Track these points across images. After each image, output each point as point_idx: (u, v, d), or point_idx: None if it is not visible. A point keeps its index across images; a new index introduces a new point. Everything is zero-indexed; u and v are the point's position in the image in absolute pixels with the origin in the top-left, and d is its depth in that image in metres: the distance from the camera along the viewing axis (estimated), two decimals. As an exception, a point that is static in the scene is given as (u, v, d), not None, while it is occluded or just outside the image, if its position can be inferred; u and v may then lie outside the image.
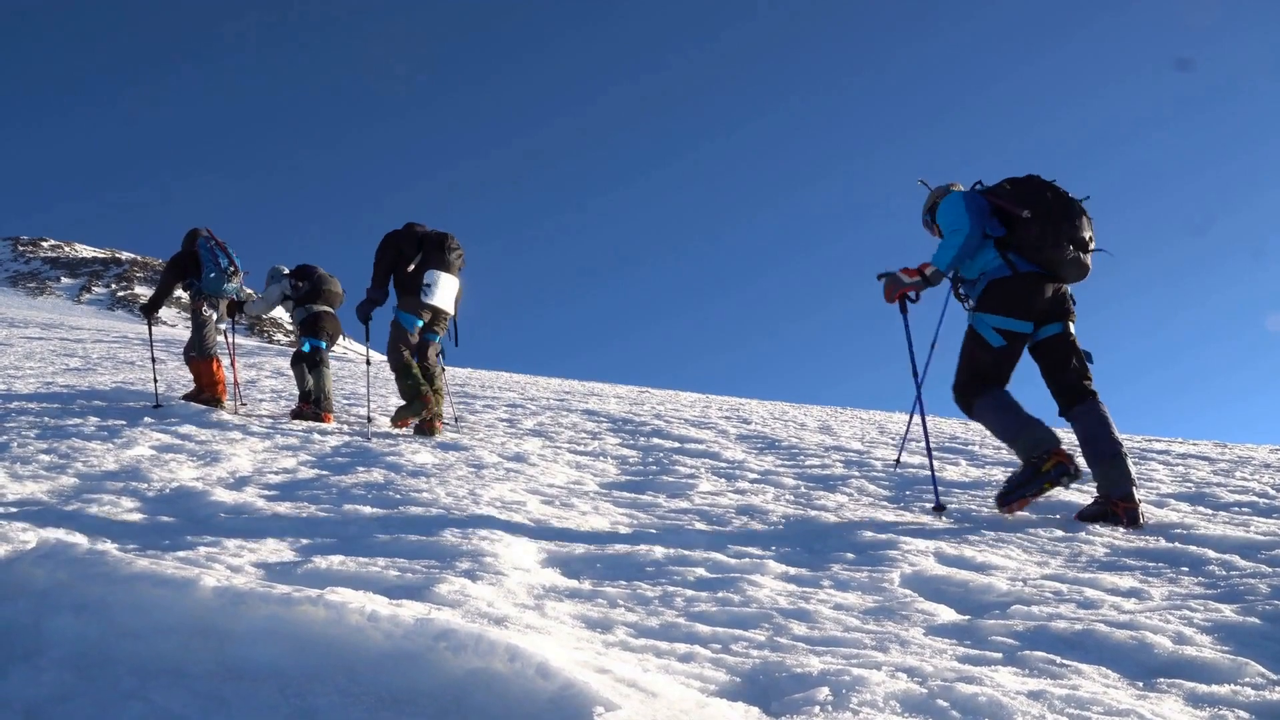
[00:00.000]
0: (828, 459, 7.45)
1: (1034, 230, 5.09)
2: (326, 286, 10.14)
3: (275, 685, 2.43)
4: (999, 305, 5.17)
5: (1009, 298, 5.15)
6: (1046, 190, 5.18)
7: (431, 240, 8.39)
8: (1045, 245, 5.09)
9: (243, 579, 3.01)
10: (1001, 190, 5.30)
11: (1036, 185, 5.22)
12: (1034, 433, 5.11)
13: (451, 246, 8.44)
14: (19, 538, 3.67)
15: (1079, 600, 3.50)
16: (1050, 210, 5.11)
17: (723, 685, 2.60)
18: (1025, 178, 5.29)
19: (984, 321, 5.21)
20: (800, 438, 8.99)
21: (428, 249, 8.35)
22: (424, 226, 8.51)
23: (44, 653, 2.60)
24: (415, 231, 8.44)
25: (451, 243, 8.46)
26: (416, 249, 8.36)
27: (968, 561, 4.10)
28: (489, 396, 12.99)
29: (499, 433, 8.75)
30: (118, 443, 6.89)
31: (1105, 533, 4.70)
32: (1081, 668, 2.78)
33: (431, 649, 2.44)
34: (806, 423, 10.98)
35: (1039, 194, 5.16)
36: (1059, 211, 5.10)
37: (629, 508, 5.19)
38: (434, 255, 8.32)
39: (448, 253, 8.39)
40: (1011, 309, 5.15)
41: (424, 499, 5.07)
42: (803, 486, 6.13)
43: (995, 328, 5.16)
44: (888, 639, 3.03)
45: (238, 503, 4.86)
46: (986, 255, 5.25)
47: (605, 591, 3.54)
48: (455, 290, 8.53)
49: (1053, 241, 5.08)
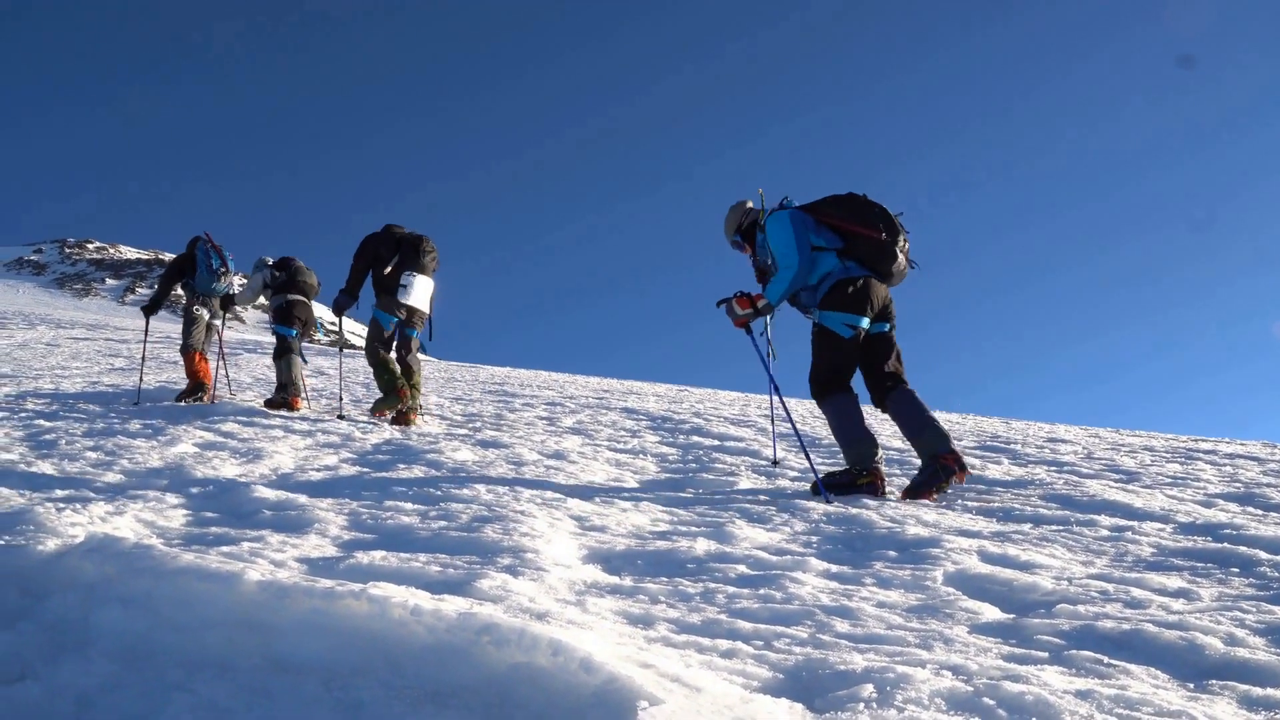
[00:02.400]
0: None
1: (878, 245, 5.81)
2: (302, 278, 10.65)
3: (319, 678, 2.45)
4: (844, 304, 5.78)
5: (852, 297, 5.77)
6: (875, 208, 5.91)
7: (408, 243, 8.88)
8: (884, 258, 5.83)
9: (286, 574, 3.02)
10: (828, 208, 5.97)
11: (864, 205, 5.93)
12: (866, 448, 5.73)
13: (427, 249, 8.93)
14: (67, 532, 3.71)
15: (1126, 600, 3.45)
16: (886, 229, 5.86)
17: (766, 682, 2.58)
18: (848, 196, 5.99)
19: (832, 318, 5.80)
20: (840, 436, 8.93)
21: (404, 252, 8.84)
22: (402, 229, 9.02)
23: (93, 644, 2.63)
24: (393, 234, 8.97)
25: (427, 245, 8.95)
26: (394, 251, 8.87)
27: (1011, 560, 4.05)
28: (528, 395, 13.02)
29: (538, 431, 8.76)
30: (162, 440, 6.97)
31: (1152, 532, 4.64)
32: (1130, 668, 2.74)
33: (474, 643, 2.44)
34: (846, 422, 10.91)
35: (871, 213, 5.89)
36: (890, 230, 5.87)
37: (669, 505, 5.18)
38: (410, 258, 8.82)
39: (423, 255, 8.88)
40: (854, 306, 5.78)
41: (464, 496, 5.08)
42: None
43: (844, 323, 5.77)
44: (931, 637, 3.00)
45: (280, 499, 4.90)
46: (828, 263, 5.87)
47: (646, 588, 3.54)
48: (430, 290, 9.01)
49: (890, 255, 5.83)
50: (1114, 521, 4.93)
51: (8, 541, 3.50)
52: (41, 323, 34.79)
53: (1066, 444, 8.86)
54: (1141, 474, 6.80)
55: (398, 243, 8.91)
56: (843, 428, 5.77)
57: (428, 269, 8.92)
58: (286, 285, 10.59)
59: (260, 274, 10.74)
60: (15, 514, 4.04)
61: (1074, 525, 4.84)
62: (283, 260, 10.73)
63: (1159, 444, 9.17)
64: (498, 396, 12.64)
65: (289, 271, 10.63)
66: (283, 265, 10.68)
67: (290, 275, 10.61)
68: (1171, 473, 6.91)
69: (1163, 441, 9.58)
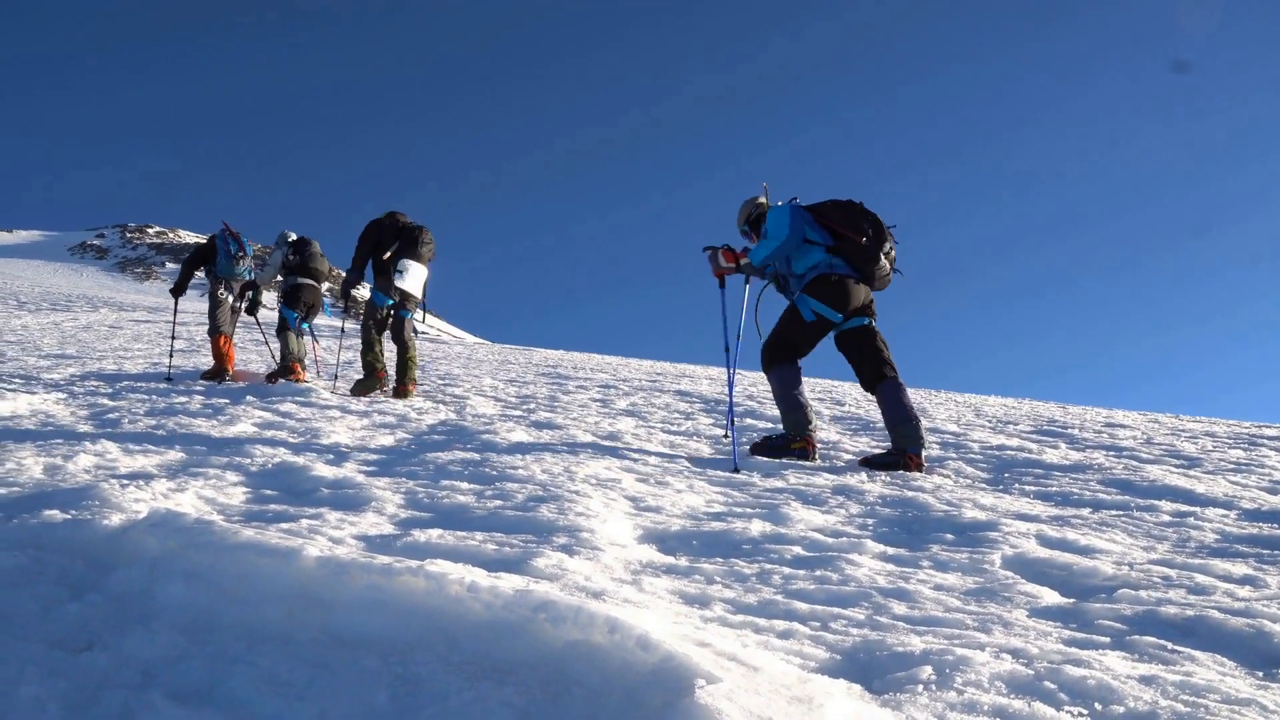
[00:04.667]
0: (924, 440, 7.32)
1: (861, 248, 6.32)
2: (314, 264, 11.54)
3: (377, 653, 2.46)
4: (821, 295, 6.30)
5: (831, 291, 6.29)
6: (867, 217, 6.41)
7: (408, 232, 9.64)
8: (866, 260, 6.34)
9: (344, 550, 3.05)
10: (827, 209, 6.49)
11: (859, 212, 6.44)
12: (802, 415, 6.32)
13: (425, 240, 9.67)
14: (131, 508, 3.77)
15: (1189, 586, 3.39)
16: (873, 235, 6.36)
17: (823, 662, 2.57)
18: (847, 202, 6.50)
19: (805, 301, 6.36)
20: (895, 420, 8.87)
21: (404, 240, 9.60)
22: (405, 216, 9.83)
23: (157, 616, 2.67)
24: (396, 223, 9.72)
25: (425, 236, 9.69)
26: (395, 238, 9.64)
27: (1071, 544, 4.00)
28: (581, 378, 13.05)
29: (592, 412, 8.78)
30: (221, 420, 7.07)
31: (1215, 518, 4.56)
32: (1195, 654, 2.70)
33: (531, 620, 2.45)
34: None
35: (862, 220, 6.40)
36: (877, 237, 6.37)
37: (723, 486, 5.16)
38: (408, 246, 9.56)
39: (420, 245, 9.62)
40: (830, 300, 6.29)
41: (520, 475, 5.10)
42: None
43: (813, 309, 6.31)
44: (990, 620, 2.97)
45: (338, 477, 4.94)
46: (815, 256, 6.40)
47: (702, 568, 3.53)
48: (424, 277, 9.74)
49: (872, 259, 6.34)
50: (1175, 507, 4.85)
51: (74, 516, 3.56)
52: (104, 305, 35.45)
53: (1125, 429, 8.74)
54: (1203, 459, 6.69)
55: (398, 231, 9.65)
56: (786, 394, 6.35)
57: (424, 258, 9.67)
58: (299, 268, 11.43)
59: (280, 251, 11.54)
60: (81, 490, 4.11)
61: (1134, 510, 4.77)
62: (301, 242, 11.50)
63: (1221, 430, 9.01)
64: (551, 379, 12.68)
65: (304, 256, 11.44)
66: (299, 248, 11.45)
67: (304, 259, 11.44)
68: (1234, 459, 6.79)
69: (1225, 427, 9.42)
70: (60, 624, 2.68)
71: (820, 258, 6.37)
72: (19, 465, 4.85)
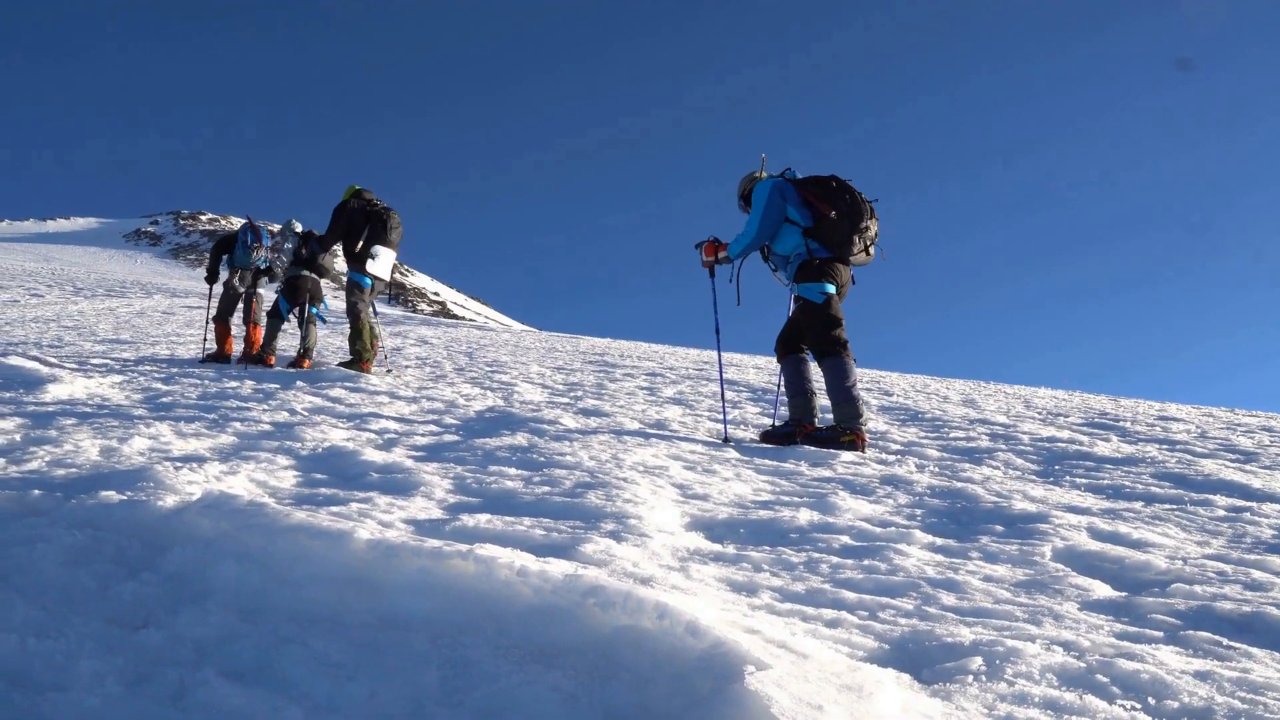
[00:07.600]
0: (972, 432, 7.27)
1: (835, 227, 6.41)
2: (323, 261, 11.98)
3: (427, 636, 2.49)
4: (813, 276, 6.46)
5: (817, 270, 6.46)
6: (846, 194, 6.47)
7: (377, 216, 10.01)
8: (843, 240, 6.44)
9: (394, 534, 3.08)
10: (810, 184, 6.57)
11: (839, 187, 6.50)
12: (808, 404, 6.56)
13: (393, 225, 10.04)
14: (185, 489, 3.83)
15: (1245, 582, 3.34)
16: (848, 212, 6.43)
17: (871, 651, 2.56)
18: (828, 177, 6.56)
19: (809, 289, 6.49)
20: (944, 410, 8.81)
21: (374, 225, 9.98)
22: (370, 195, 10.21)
23: (210, 596, 2.71)
24: (364, 209, 10.08)
25: (393, 220, 10.06)
26: (365, 223, 10.02)
27: (1123, 538, 3.95)
28: (628, 366, 13.06)
29: (639, 400, 8.78)
30: (272, 404, 7.15)
31: (1272, 514, 4.49)
32: (1252, 651, 2.65)
33: (580, 605, 2.45)
34: (949, 395, 10.75)
35: (841, 196, 6.46)
36: (855, 214, 6.44)
37: (771, 475, 5.15)
38: (378, 232, 9.96)
39: (390, 230, 10.00)
40: (822, 277, 6.46)
41: (568, 462, 5.12)
42: (947, 458, 6.00)
43: (818, 290, 6.43)
44: (1040, 612, 2.94)
45: (387, 462, 4.98)
46: (794, 240, 6.54)
47: (750, 556, 3.52)
48: (392, 260, 10.17)
49: (847, 238, 6.43)
50: (1231, 502, 4.78)
51: (130, 497, 3.62)
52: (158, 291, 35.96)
53: (1179, 422, 8.60)
54: (1260, 454, 6.57)
55: (368, 215, 10.03)
56: (796, 383, 6.63)
57: (393, 243, 10.06)
58: (309, 262, 11.83)
59: (291, 242, 12.00)
60: (136, 472, 4.17)
61: (1188, 505, 4.70)
62: (308, 235, 11.74)
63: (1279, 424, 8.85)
64: (598, 366, 12.70)
65: (314, 251, 11.81)
66: (308, 241, 11.76)
67: (314, 255, 11.84)
68: (1293, 453, 6.66)
69: (1283, 422, 9.25)
70: (117, 601, 2.72)
71: (796, 240, 6.54)
72: (77, 447, 4.94)
